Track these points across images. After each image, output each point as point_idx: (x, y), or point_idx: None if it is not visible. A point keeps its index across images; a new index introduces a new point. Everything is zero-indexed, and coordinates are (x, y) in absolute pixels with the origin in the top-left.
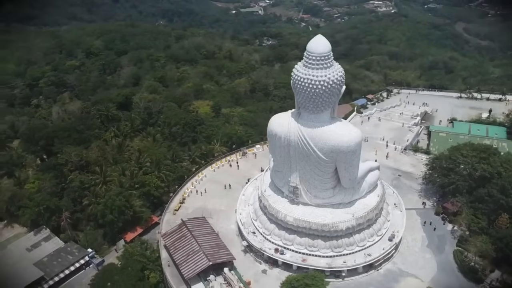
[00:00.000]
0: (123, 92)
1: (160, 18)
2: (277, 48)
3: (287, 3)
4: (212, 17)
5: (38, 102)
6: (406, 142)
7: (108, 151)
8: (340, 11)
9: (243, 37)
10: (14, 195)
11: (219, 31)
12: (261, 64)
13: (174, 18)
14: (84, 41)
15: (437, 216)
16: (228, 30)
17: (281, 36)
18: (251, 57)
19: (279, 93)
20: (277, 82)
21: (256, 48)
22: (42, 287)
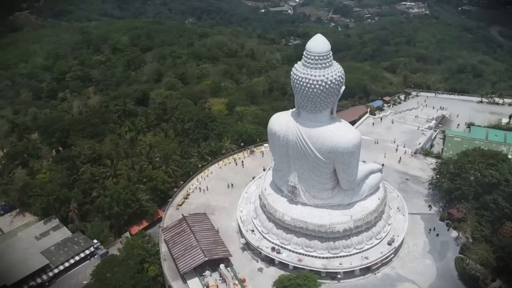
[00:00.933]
0: (141, 88)
1: (189, 16)
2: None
3: (317, 2)
4: (241, 15)
5: (64, 95)
6: (417, 145)
7: (120, 145)
8: (370, 12)
9: (269, 36)
10: (26, 185)
11: (247, 30)
12: (282, 63)
13: (203, 16)
14: (111, 37)
15: (442, 222)
16: (257, 29)
17: (308, 35)
18: (272, 56)
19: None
20: None
21: (280, 47)
22: (47, 275)
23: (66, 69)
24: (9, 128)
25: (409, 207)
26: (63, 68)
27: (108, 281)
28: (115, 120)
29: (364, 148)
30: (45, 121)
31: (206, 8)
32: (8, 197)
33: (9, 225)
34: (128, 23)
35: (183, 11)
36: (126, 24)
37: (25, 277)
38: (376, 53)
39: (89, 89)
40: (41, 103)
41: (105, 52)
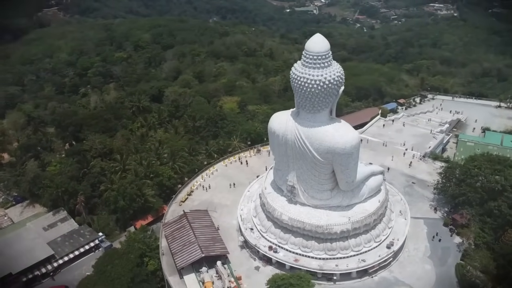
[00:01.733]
0: (157, 85)
1: (214, 15)
2: None
3: (343, 3)
4: (265, 15)
5: (85, 91)
6: (427, 149)
7: (131, 140)
8: (397, 13)
9: (292, 36)
10: (37, 176)
11: (270, 29)
12: None
13: (227, 15)
14: (134, 34)
15: (445, 227)
16: (281, 29)
17: (331, 36)
18: (290, 56)
19: None
20: None
21: (300, 47)
22: (52, 265)
23: (89, 65)
24: (25, 121)
25: (413, 211)
26: (85, 64)
27: (107, 274)
28: (129, 116)
29: (372, 150)
30: (60, 115)
31: (230, 7)
32: (19, 188)
33: (19, 215)
34: (151, 21)
35: (208, 10)
36: (149, 22)
37: (31, 266)
38: (399, 55)
39: (110, 85)
40: (62, 97)
41: (127, 49)
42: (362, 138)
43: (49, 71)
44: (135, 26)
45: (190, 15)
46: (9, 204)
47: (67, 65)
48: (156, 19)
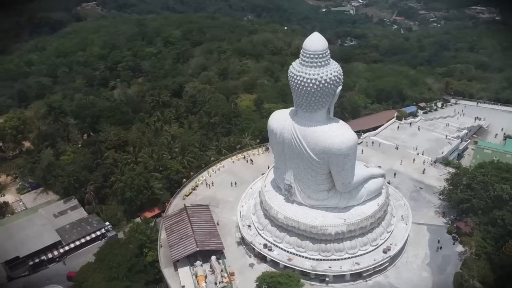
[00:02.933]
0: (178, 80)
1: (249, 13)
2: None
3: (381, 4)
4: (300, 14)
5: (114, 84)
6: (440, 154)
7: (146, 134)
8: (437, 15)
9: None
10: (51, 165)
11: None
12: None
13: (262, 13)
14: (165, 30)
15: (448, 235)
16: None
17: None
18: None
19: None
20: None
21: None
22: (58, 251)
23: (120, 59)
24: (46, 111)
25: (417, 217)
26: (116, 58)
27: (107, 262)
28: (148, 110)
29: (383, 153)
30: (78, 106)
31: (265, 5)
32: (34, 175)
33: (33, 202)
34: (182, 17)
35: (243, 8)
36: (181, 18)
37: (38, 251)
38: (433, 58)
39: (139, 79)
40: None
41: (157, 44)
42: (374, 140)
43: (81, 63)
44: (166, 22)
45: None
46: (25, 190)
47: (99, 59)
48: (188, 16)
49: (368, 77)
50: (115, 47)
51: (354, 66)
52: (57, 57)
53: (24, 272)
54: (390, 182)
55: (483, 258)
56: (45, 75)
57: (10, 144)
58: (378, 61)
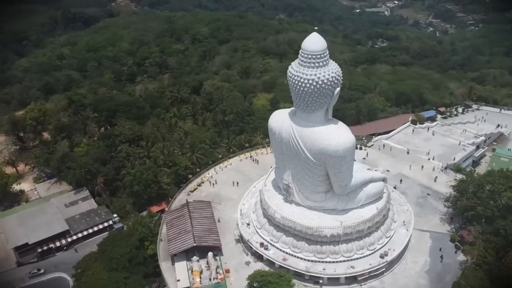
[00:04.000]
0: (199, 77)
1: (281, 12)
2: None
3: (417, 5)
4: (333, 14)
5: (141, 79)
6: (452, 160)
7: (160, 129)
8: (475, 18)
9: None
10: (65, 156)
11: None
12: (350, 64)
13: (295, 13)
14: (193, 27)
15: (451, 243)
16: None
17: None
18: (340, 56)
19: (343, 94)
20: (351, 84)
21: (355, 48)
22: (66, 240)
23: (147, 55)
24: (66, 103)
25: (421, 223)
26: (144, 54)
27: (108, 253)
28: (166, 106)
29: (392, 157)
30: (96, 100)
31: (298, 5)
32: (49, 165)
33: (46, 191)
34: (211, 15)
35: (275, 7)
36: (209, 16)
37: (46, 238)
38: (465, 62)
39: (165, 76)
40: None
41: (185, 41)
42: (386, 144)
43: (110, 58)
44: (195, 19)
45: (256, 12)
46: (41, 179)
47: (128, 54)
48: (216, 14)
49: (390, 79)
50: (144, 43)
51: (377, 68)
52: (87, 52)
53: (33, 258)
54: (396, 187)
55: (483, 268)
56: (75, 69)
57: (30, 135)
58: (408, 63)
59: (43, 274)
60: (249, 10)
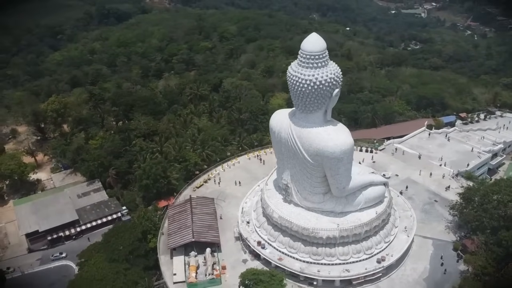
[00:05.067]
0: (219, 75)
1: (314, 12)
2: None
3: (455, 7)
4: (368, 15)
5: (168, 76)
6: (465, 167)
7: (175, 125)
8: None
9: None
10: (80, 148)
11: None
12: (375, 66)
13: (328, 12)
14: (222, 25)
15: (454, 252)
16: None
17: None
18: (366, 58)
19: (362, 96)
20: (372, 86)
21: (382, 50)
22: (75, 229)
23: (175, 52)
24: (87, 97)
25: (425, 230)
26: (173, 51)
27: (111, 244)
28: (185, 102)
29: (403, 162)
30: (114, 94)
31: (332, 5)
32: (65, 157)
33: (61, 181)
34: (240, 13)
35: (309, 6)
36: (238, 14)
37: (56, 227)
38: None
39: (191, 73)
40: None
41: (213, 39)
42: (398, 148)
43: (139, 54)
44: (225, 17)
45: (289, 11)
46: (58, 170)
47: (156, 50)
48: (245, 12)
49: (413, 82)
50: (173, 40)
51: (402, 70)
52: (118, 47)
53: (43, 246)
54: (403, 192)
55: (481, 279)
56: (105, 63)
57: (50, 126)
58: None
59: (63, 258)
60: (282, 9)
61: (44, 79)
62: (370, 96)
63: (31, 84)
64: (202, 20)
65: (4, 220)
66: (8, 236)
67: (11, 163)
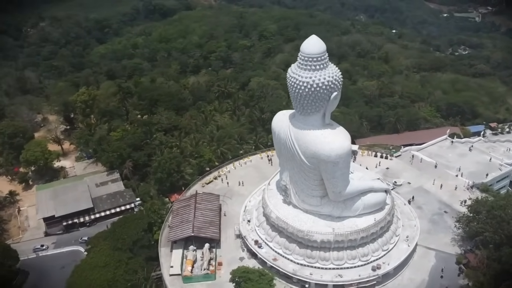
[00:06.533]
0: (249, 74)
1: (361, 13)
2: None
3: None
4: (418, 17)
5: (205, 72)
6: (484, 179)
7: (196, 121)
8: None
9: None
10: (101, 139)
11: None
12: (412, 70)
13: (376, 14)
14: (262, 24)
15: (456, 265)
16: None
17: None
18: (404, 62)
19: (389, 101)
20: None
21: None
22: (89, 217)
23: (214, 49)
24: (115, 90)
25: (430, 241)
26: (212, 48)
27: (117, 233)
28: (211, 99)
29: (418, 170)
30: (142, 89)
31: (380, 6)
32: (88, 146)
33: (83, 170)
34: (281, 13)
35: (356, 7)
36: (279, 13)
37: (72, 213)
38: None
39: (227, 70)
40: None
41: (252, 37)
42: (415, 155)
43: (179, 50)
44: (266, 16)
45: (335, 11)
46: (82, 159)
47: (196, 47)
48: (287, 12)
49: (447, 89)
50: (213, 37)
51: (437, 76)
52: (159, 43)
53: (59, 230)
54: (411, 202)
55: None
56: (146, 58)
57: (79, 117)
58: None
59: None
60: (328, 9)
61: (84, 71)
62: (397, 101)
63: (73, 76)
64: (243, 18)
65: (26, 203)
66: (28, 219)
67: (36, 150)
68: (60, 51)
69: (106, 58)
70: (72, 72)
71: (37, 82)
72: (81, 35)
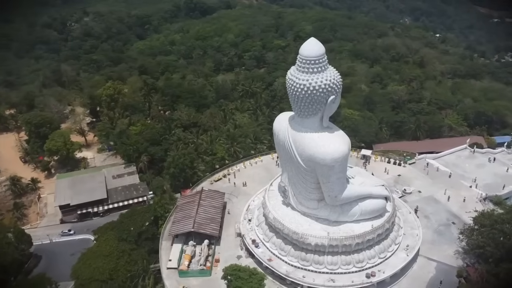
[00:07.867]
0: (274, 74)
1: (407, 16)
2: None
3: None
4: (465, 22)
5: (239, 71)
6: (498, 192)
7: (215, 119)
8: None
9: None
10: (122, 132)
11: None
12: (446, 76)
13: (421, 17)
14: (299, 24)
15: (457, 279)
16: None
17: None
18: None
19: (413, 107)
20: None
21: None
22: (103, 207)
23: (249, 48)
24: (141, 85)
25: (433, 252)
26: (247, 47)
27: (123, 224)
28: (235, 98)
29: (430, 179)
30: (165, 85)
31: (427, 9)
32: (108, 139)
33: (102, 162)
34: (317, 13)
35: (401, 10)
36: (317, 14)
37: (86, 203)
38: None
39: (261, 70)
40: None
41: (288, 38)
42: (430, 163)
43: (215, 48)
44: (303, 17)
45: (379, 14)
46: (104, 151)
47: (231, 45)
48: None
49: (477, 97)
50: (249, 36)
51: (469, 83)
52: (196, 40)
53: (74, 219)
54: (417, 211)
55: None
56: (182, 55)
57: (104, 110)
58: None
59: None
60: (372, 11)
61: (120, 66)
62: (422, 107)
63: (109, 70)
64: (280, 18)
65: (47, 191)
66: (47, 206)
67: (59, 140)
68: (101, 46)
69: (144, 54)
70: (110, 66)
71: (73, 75)
72: (122, 31)
